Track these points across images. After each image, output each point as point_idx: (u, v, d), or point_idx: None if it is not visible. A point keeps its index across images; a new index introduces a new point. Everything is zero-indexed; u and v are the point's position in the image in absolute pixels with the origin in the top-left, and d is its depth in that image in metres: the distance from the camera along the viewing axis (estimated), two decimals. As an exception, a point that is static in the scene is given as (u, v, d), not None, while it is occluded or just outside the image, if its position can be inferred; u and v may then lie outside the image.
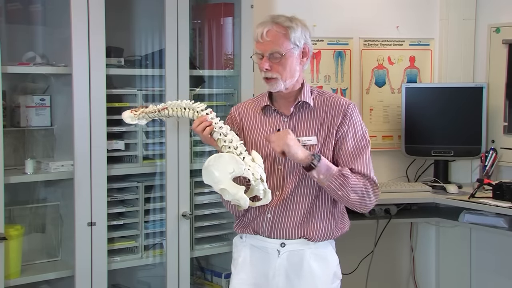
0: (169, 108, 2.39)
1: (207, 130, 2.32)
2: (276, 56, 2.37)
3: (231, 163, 2.25)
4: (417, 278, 4.26)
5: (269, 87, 2.43)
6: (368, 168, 2.44)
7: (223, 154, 2.28)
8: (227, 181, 2.25)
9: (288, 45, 2.37)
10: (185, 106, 2.37)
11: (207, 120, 2.32)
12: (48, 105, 2.99)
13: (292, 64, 2.40)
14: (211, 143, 2.36)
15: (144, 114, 2.44)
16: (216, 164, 2.26)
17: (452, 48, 4.13)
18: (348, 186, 2.36)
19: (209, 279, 3.45)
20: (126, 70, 3.12)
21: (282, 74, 2.39)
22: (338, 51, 4.01)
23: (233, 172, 2.24)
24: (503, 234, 3.56)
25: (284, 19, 2.39)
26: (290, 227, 2.44)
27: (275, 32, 2.36)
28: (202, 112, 2.34)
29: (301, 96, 2.46)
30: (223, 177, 2.25)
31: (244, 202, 2.26)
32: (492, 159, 3.83)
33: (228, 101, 3.34)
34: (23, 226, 2.88)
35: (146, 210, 3.16)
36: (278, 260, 2.46)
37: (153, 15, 3.17)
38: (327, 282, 2.48)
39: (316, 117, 2.46)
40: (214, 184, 2.27)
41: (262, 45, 2.38)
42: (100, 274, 2.92)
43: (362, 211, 2.48)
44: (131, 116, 2.45)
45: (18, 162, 2.91)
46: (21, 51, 2.95)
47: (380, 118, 4.13)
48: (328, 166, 2.35)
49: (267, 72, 2.38)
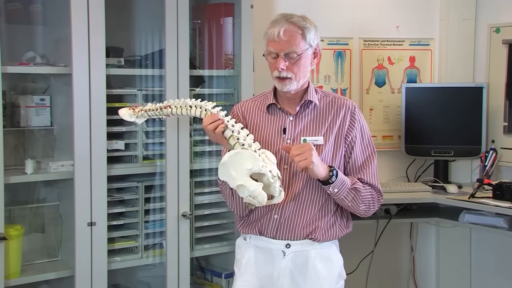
0: (172, 106, 2.36)
1: (220, 127, 2.29)
2: (292, 56, 2.35)
3: (249, 160, 2.23)
4: (417, 278, 4.26)
5: (281, 87, 2.40)
6: (375, 178, 2.48)
7: (241, 150, 2.25)
8: (245, 178, 2.23)
9: (304, 45, 2.37)
10: (191, 104, 2.34)
11: (219, 119, 2.30)
12: (48, 105, 2.99)
13: (306, 64, 2.39)
14: (221, 141, 2.32)
15: (143, 112, 2.39)
16: (234, 160, 2.24)
17: (452, 48, 4.13)
18: (359, 199, 2.42)
19: (209, 279, 3.45)
20: (126, 70, 3.12)
21: (297, 74, 2.38)
22: (338, 51, 4.01)
23: (251, 169, 2.22)
24: (503, 234, 3.56)
25: (298, 18, 2.38)
26: (296, 228, 2.43)
27: (293, 31, 2.35)
28: (213, 110, 2.32)
29: (307, 96, 2.45)
30: (241, 173, 2.23)
31: (262, 198, 2.23)
32: (492, 159, 3.83)
33: (228, 101, 3.33)
34: (23, 226, 2.88)
35: (146, 210, 3.16)
36: (283, 261, 2.45)
37: (153, 15, 3.17)
38: (331, 282, 2.48)
39: (322, 117, 2.45)
40: (231, 180, 2.25)
41: (278, 44, 2.36)
42: (100, 274, 2.92)
43: (364, 217, 2.52)
44: (130, 113, 2.40)
45: (18, 162, 2.91)
46: (21, 51, 2.95)
47: (380, 118, 4.13)
48: (343, 180, 2.37)
49: (282, 71, 2.36)
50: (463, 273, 4.15)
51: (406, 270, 4.28)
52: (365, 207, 2.46)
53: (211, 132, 2.30)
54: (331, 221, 2.46)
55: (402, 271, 4.29)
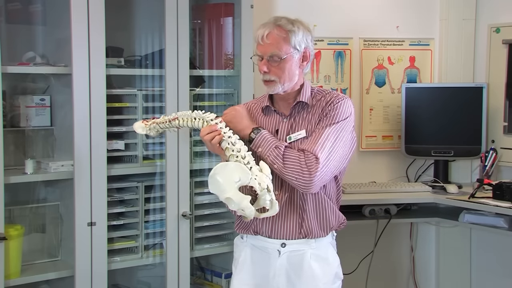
0: (179, 118, 2.40)
1: (216, 139, 2.31)
2: (275, 59, 2.37)
3: (237, 172, 2.23)
4: (417, 278, 4.26)
5: (267, 89, 2.44)
6: (315, 144, 2.31)
7: (229, 162, 2.27)
8: (233, 190, 2.23)
9: (288, 49, 2.37)
10: (195, 116, 2.37)
11: (216, 130, 2.32)
12: (48, 105, 2.99)
13: (291, 67, 2.39)
14: (218, 152, 2.35)
15: (155, 124, 2.43)
16: (222, 172, 2.24)
17: (452, 48, 4.13)
18: (280, 158, 2.32)
19: (209, 279, 3.45)
20: (126, 70, 3.12)
21: (281, 77, 2.38)
22: (338, 51, 4.01)
23: (239, 181, 2.22)
24: (503, 234, 3.56)
25: (286, 22, 2.38)
26: (290, 227, 2.44)
27: (276, 35, 2.36)
28: (211, 122, 2.34)
29: (299, 97, 2.46)
30: (229, 186, 2.23)
31: (249, 212, 2.23)
32: (492, 159, 3.83)
33: (228, 101, 3.34)
34: (23, 226, 2.88)
35: (146, 210, 3.16)
36: (278, 260, 2.46)
37: (153, 15, 3.17)
38: (328, 282, 2.48)
39: (313, 115, 2.45)
40: (219, 193, 2.25)
41: (262, 47, 2.38)
42: (100, 274, 2.92)
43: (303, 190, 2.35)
44: (142, 126, 2.45)
45: (18, 162, 2.91)
46: (21, 51, 2.95)
47: (380, 118, 4.13)
48: (265, 138, 2.36)
49: (265, 74, 2.39)
50: (463, 273, 4.15)
51: (406, 270, 4.28)
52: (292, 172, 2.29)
53: (208, 142, 2.33)
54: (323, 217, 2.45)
55: (402, 271, 4.29)
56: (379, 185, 3.84)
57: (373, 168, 4.10)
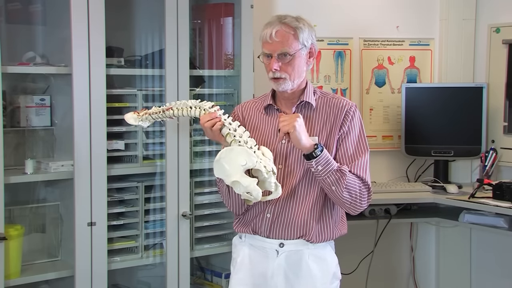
0: (174, 108, 2.39)
1: (217, 125, 2.32)
2: (285, 57, 2.37)
3: (243, 156, 2.24)
4: (417, 278, 4.26)
5: (276, 87, 2.43)
6: (365, 172, 2.43)
7: (234, 147, 2.28)
8: (239, 174, 2.24)
9: (297, 46, 2.38)
10: (191, 105, 2.37)
11: (216, 117, 2.33)
12: (48, 105, 2.99)
13: (300, 64, 2.41)
14: (219, 138, 2.35)
15: (147, 115, 2.42)
16: (228, 157, 2.26)
17: (452, 48, 4.13)
18: (343, 183, 2.35)
19: (209, 279, 3.45)
20: (126, 70, 3.12)
21: (291, 74, 2.39)
22: (338, 51, 4.01)
23: (245, 165, 2.24)
24: (503, 234, 3.56)
25: (291, 19, 2.39)
26: (289, 227, 2.44)
27: (284, 32, 2.37)
28: (210, 110, 2.34)
29: (303, 96, 2.46)
30: (235, 169, 2.24)
31: (256, 193, 2.24)
32: (492, 159, 3.84)
33: (228, 101, 3.34)
34: (23, 226, 2.88)
35: (146, 210, 3.16)
36: (276, 260, 2.46)
37: (153, 15, 3.17)
38: (326, 282, 2.48)
39: (318, 118, 2.46)
40: (225, 177, 2.27)
41: (271, 46, 2.38)
42: (100, 274, 2.92)
43: (351, 213, 2.45)
44: (134, 117, 2.44)
45: (18, 162, 2.91)
46: (21, 51, 2.96)
47: (380, 118, 4.13)
48: (328, 159, 2.35)
49: (276, 72, 2.38)
50: (463, 273, 4.16)
51: (406, 270, 4.29)
52: (350, 197, 2.37)
53: (209, 129, 2.34)
54: (325, 223, 2.46)
55: (402, 271, 4.29)
56: (379, 185, 3.84)
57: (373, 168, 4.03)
